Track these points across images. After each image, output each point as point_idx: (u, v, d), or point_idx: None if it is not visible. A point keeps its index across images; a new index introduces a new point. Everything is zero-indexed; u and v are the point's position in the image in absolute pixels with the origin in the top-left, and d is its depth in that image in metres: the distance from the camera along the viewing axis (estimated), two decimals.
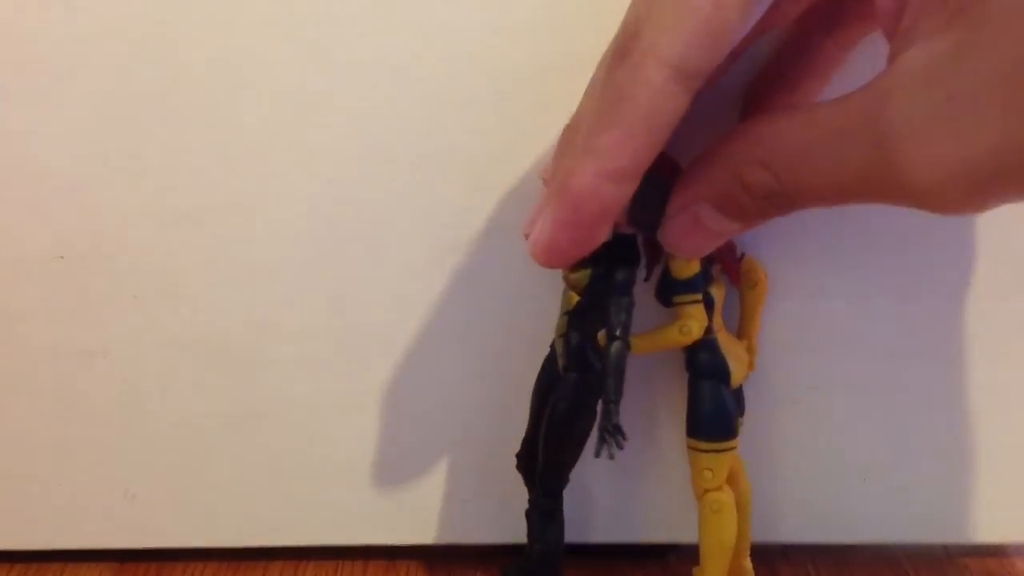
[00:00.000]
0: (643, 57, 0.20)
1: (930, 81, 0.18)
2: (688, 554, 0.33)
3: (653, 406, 0.34)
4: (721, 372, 0.30)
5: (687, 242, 0.26)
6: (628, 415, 0.34)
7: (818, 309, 0.32)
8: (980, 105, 0.17)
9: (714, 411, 0.30)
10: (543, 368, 0.31)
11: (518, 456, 0.32)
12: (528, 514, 0.31)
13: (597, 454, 0.27)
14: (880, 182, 0.19)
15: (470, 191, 0.31)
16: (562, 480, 0.30)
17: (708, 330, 0.30)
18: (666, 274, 0.30)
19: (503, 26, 0.29)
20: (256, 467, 0.35)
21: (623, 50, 0.21)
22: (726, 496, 0.30)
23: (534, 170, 0.31)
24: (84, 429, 0.34)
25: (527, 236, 0.25)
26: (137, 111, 0.31)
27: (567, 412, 0.28)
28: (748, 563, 0.33)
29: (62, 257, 0.32)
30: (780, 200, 0.22)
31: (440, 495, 0.35)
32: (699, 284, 0.29)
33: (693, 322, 0.29)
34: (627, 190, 0.22)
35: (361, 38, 0.30)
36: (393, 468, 0.34)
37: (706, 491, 0.30)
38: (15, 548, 0.36)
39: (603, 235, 0.24)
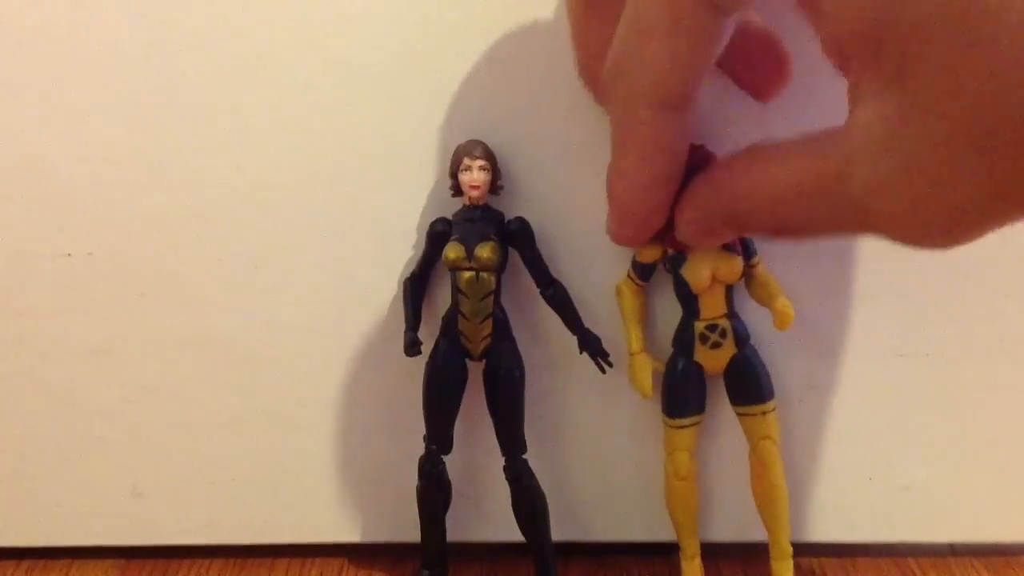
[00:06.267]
0: (631, 96, 0.23)
1: (884, 149, 0.18)
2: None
3: (659, 406, 0.33)
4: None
5: (704, 242, 0.28)
6: (633, 413, 0.34)
7: (823, 309, 0.32)
8: (933, 169, 0.17)
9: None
10: (437, 367, 0.32)
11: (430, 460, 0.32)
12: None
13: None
14: (857, 228, 0.21)
15: None
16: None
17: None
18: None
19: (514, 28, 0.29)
20: (262, 465, 0.35)
21: (613, 84, 0.23)
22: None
23: (537, 167, 0.31)
24: (91, 427, 0.34)
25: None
26: (145, 110, 0.31)
27: (520, 369, 0.32)
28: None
29: (69, 255, 0.32)
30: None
31: None
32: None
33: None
34: (667, 190, 0.25)
35: (366, 39, 0.30)
36: (399, 466, 0.34)
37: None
38: (23, 545, 0.37)
39: (659, 221, 0.26)
